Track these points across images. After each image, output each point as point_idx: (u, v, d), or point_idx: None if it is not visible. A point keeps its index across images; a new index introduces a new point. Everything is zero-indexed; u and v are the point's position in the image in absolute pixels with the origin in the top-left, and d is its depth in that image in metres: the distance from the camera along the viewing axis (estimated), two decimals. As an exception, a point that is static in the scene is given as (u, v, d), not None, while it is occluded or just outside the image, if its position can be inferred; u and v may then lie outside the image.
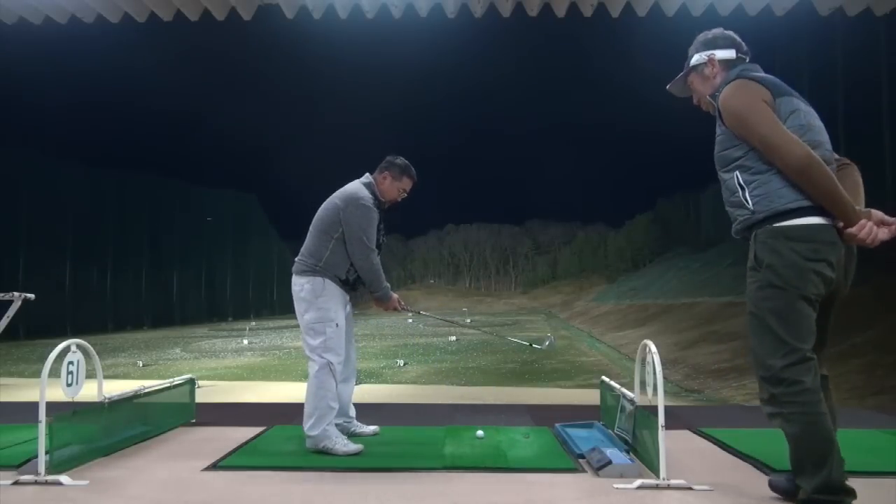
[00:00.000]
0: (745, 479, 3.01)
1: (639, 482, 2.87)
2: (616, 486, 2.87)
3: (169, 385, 4.21)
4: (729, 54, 2.55)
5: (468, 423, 4.14)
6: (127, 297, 46.78)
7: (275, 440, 3.81)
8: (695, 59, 2.62)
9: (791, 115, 2.33)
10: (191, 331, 39.92)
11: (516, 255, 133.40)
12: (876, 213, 2.29)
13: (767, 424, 2.34)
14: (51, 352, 3.06)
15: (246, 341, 28.67)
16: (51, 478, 2.91)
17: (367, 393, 12.91)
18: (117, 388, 3.83)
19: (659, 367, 2.90)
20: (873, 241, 2.24)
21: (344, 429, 3.76)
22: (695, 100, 2.71)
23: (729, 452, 3.51)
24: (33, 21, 5.71)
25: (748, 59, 2.57)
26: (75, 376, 3.22)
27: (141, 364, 19.78)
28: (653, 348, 3.02)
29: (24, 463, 3.10)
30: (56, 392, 3.11)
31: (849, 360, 10.93)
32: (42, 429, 2.93)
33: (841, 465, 2.22)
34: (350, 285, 3.70)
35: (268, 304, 62.35)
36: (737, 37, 2.60)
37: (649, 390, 3.02)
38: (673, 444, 3.05)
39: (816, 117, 2.41)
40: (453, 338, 27.51)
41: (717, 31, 2.65)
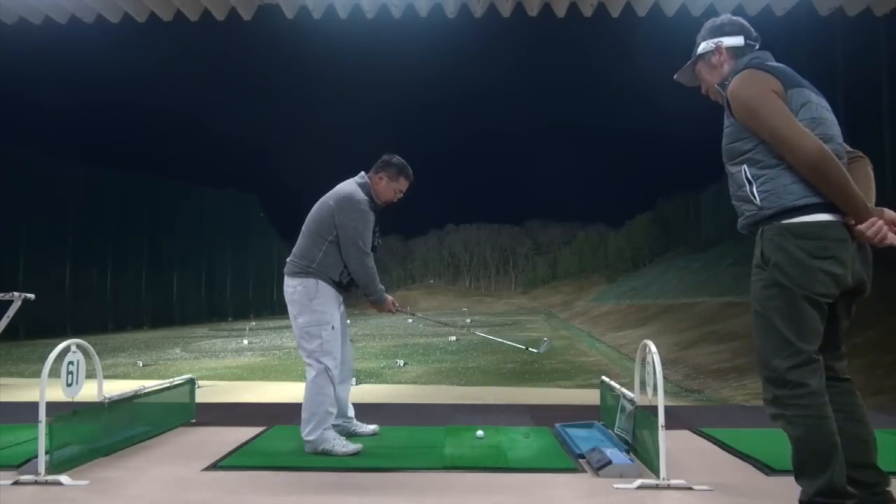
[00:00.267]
0: (745, 479, 3.01)
1: (639, 482, 2.86)
2: (616, 486, 2.87)
3: (169, 385, 4.20)
4: (737, 41, 2.46)
5: (468, 423, 4.13)
6: (127, 297, 46.82)
7: (275, 440, 3.80)
8: (702, 47, 2.53)
9: (803, 108, 2.25)
10: (191, 331, 39.93)
11: (516, 255, 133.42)
12: (889, 212, 2.20)
13: (768, 424, 2.32)
14: (51, 352, 3.06)
15: (246, 341, 28.69)
16: (51, 478, 2.91)
17: (367, 393, 12.92)
18: (117, 388, 3.83)
19: (659, 367, 2.90)
20: (882, 240, 2.16)
21: (343, 429, 3.75)
22: (703, 89, 2.62)
23: (729, 452, 3.51)
24: (33, 21, 5.71)
25: (758, 47, 2.47)
26: (75, 376, 3.21)
27: (141, 364, 19.79)
28: (653, 348, 3.02)
29: (24, 463, 3.10)
30: (56, 392, 3.11)
31: (849, 360, 10.92)
32: (42, 429, 2.92)
33: (843, 469, 2.18)
34: (343, 287, 3.65)
35: (268, 304, 62.33)
36: (746, 23, 2.51)
37: (649, 390, 3.02)
38: (673, 444, 3.04)
39: (829, 110, 2.34)
40: (453, 338, 27.51)
41: (725, 17, 2.56)
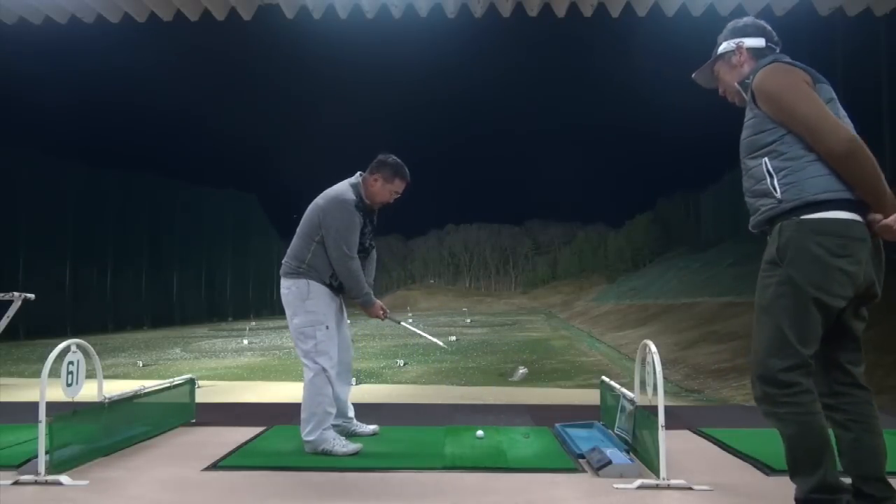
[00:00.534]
0: (745, 479, 3.01)
1: (639, 482, 2.86)
2: (616, 486, 2.87)
3: (169, 385, 4.20)
4: (758, 42, 2.47)
5: (468, 423, 4.13)
6: (127, 297, 46.82)
7: (275, 440, 3.80)
8: (723, 47, 2.53)
9: (829, 103, 2.24)
10: (191, 331, 39.93)
11: (516, 255, 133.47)
12: None
13: (768, 424, 2.32)
14: (51, 352, 3.06)
15: (246, 341, 28.69)
16: (51, 478, 2.91)
17: (367, 393, 12.93)
18: (117, 388, 3.83)
19: (659, 367, 2.90)
20: None
21: (343, 429, 3.75)
22: (720, 90, 2.61)
23: (729, 452, 3.51)
24: (33, 21, 5.71)
25: (779, 50, 2.47)
26: (75, 376, 3.21)
27: (141, 364, 19.80)
28: (653, 348, 3.01)
29: (24, 463, 3.10)
30: (56, 392, 3.11)
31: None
32: (42, 429, 2.92)
33: (835, 465, 2.19)
34: (335, 289, 3.63)
35: (268, 304, 62.29)
36: (768, 26, 2.52)
37: (649, 390, 3.01)
38: (673, 444, 3.04)
39: (845, 115, 2.32)
40: (453, 338, 27.54)
41: (748, 19, 2.57)
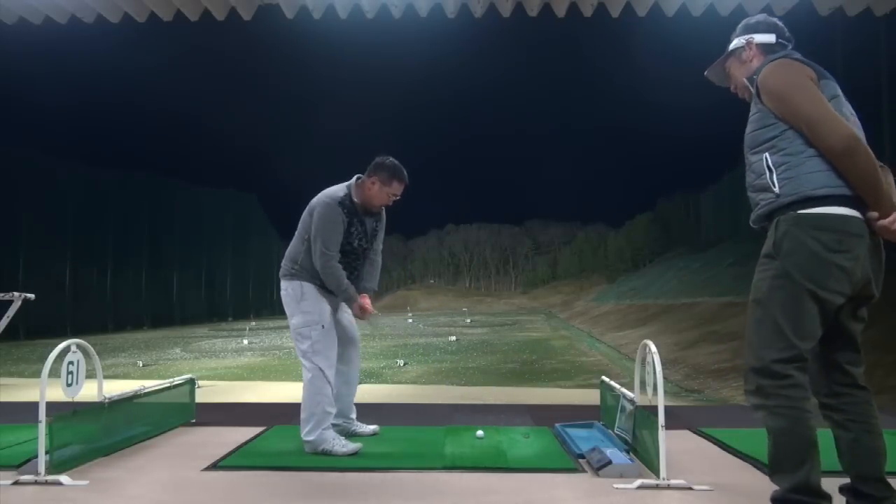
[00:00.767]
0: (745, 479, 3.00)
1: (639, 482, 2.86)
2: (616, 486, 2.87)
3: (169, 385, 4.20)
4: (768, 38, 2.48)
5: (468, 423, 4.13)
6: (127, 297, 46.86)
7: (275, 440, 3.80)
8: (734, 44, 2.54)
9: (833, 100, 2.25)
10: (191, 331, 39.96)
11: (516, 255, 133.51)
12: None
13: (759, 422, 2.30)
14: (51, 352, 3.05)
15: (246, 341, 28.72)
16: (51, 478, 2.91)
17: (367, 393, 12.92)
18: (117, 388, 3.83)
19: (659, 367, 2.89)
20: None
21: (343, 429, 3.75)
22: (732, 87, 2.61)
23: (729, 452, 3.51)
24: (33, 21, 5.70)
25: (790, 47, 2.48)
26: (75, 376, 3.21)
27: (141, 364, 19.82)
28: (653, 348, 3.01)
29: (24, 463, 3.09)
30: (56, 392, 3.10)
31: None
32: (42, 429, 2.92)
33: (819, 470, 2.14)
34: (328, 290, 3.60)
35: (268, 304, 62.33)
36: (780, 23, 2.53)
37: (649, 390, 3.01)
38: (673, 444, 3.04)
39: (853, 112, 2.33)
40: (453, 338, 27.56)
41: (760, 16, 2.59)
